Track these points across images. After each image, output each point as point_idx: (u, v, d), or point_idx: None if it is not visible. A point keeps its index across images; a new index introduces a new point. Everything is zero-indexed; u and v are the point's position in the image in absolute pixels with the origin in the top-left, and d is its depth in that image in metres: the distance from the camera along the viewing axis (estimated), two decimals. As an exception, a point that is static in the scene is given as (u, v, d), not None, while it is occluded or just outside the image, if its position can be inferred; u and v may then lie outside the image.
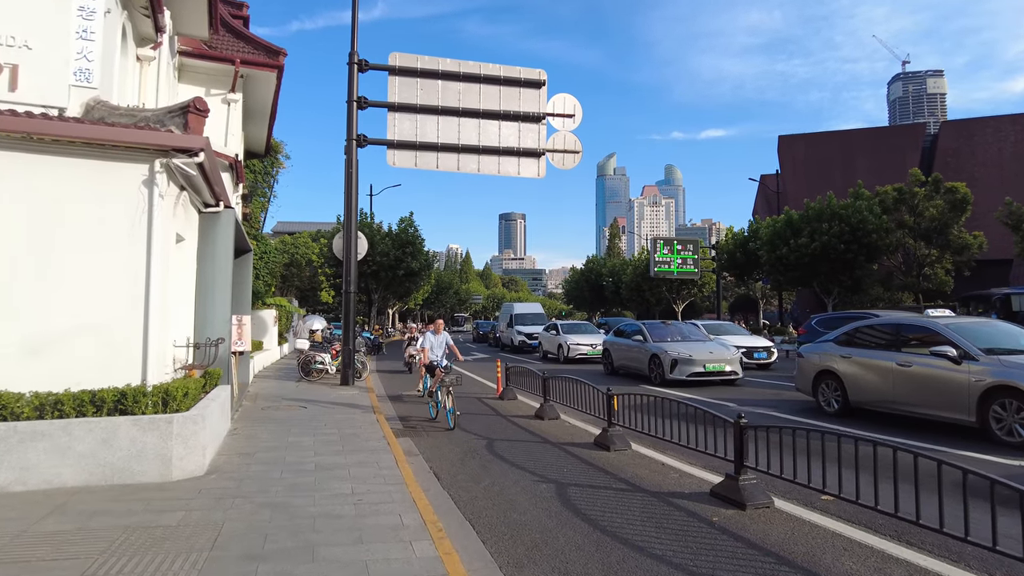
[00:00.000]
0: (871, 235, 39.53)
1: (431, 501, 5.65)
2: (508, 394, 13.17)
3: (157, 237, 6.29)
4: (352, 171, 15.63)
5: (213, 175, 7.36)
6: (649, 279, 56.44)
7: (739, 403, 12.06)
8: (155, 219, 6.27)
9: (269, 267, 25.47)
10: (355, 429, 9.06)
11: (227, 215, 9.19)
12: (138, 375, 6.18)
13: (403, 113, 16.21)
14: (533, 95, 17.12)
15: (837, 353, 10.65)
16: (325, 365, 16.22)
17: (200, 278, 8.84)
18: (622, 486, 6.46)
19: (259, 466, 6.64)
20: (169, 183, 6.69)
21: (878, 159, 67.96)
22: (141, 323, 6.20)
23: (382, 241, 41.89)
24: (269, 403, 11.75)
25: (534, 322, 31.88)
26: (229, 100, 15.24)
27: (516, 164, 16.95)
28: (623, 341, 17.82)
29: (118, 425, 5.69)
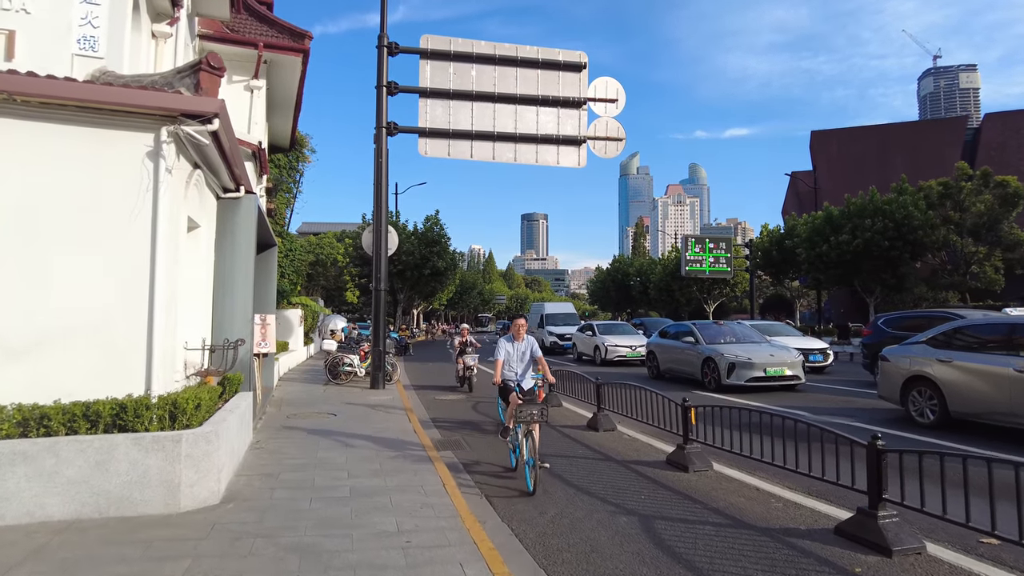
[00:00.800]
0: (916, 231, 37.67)
1: (494, 541, 4.56)
2: (552, 400, 12.05)
3: (164, 220, 5.30)
4: (382, 160, 14.64)
5: (231, 150, 6.36)
6: (679, 278, 54.94)
7: (812, 411, 10.80)
8: (161, 199, 5.28)
9: (295, 265, 24.70)
10: (392, 442, 8.02)
11: (248, 201, 8.22)
12: (141, 384, 5.18)
13: (435, 99, 15.20)
14: (573, 79, 16.00)
15: (933, 357, 9.35)
16: (354, 367, 15.26)
17: (218, 272, 7.87)
18: (720, 520, 5.31)
19: (284, 491, 5.61)
20: (179, 157, 5.70)
21: (917, 154, 65.56)
22: (144, 322, 5.20)
23: (408, 240, 41.04)
24: (295, 410, 10.78)
25: (565, 322, 30.72)
26: (252, 87, 14.37)
27: (555, 153, 15.84)
28: (671, 343, 16.58)
29: (116, 445, 4.70)
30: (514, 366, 7.15)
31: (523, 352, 7.20)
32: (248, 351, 8.00)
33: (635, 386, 9.07)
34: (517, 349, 7.20)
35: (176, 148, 5.53)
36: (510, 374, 7.14)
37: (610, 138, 16.15)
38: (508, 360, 7.13)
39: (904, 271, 39.46)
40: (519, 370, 7.17)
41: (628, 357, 21.78)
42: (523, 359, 7.18)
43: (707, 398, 12.33)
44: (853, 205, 39.97)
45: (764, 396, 12.93)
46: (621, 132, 16.25)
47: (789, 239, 45.84)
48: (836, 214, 40.78)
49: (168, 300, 5.47)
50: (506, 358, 7.13)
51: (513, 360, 7.14)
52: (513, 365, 7.15)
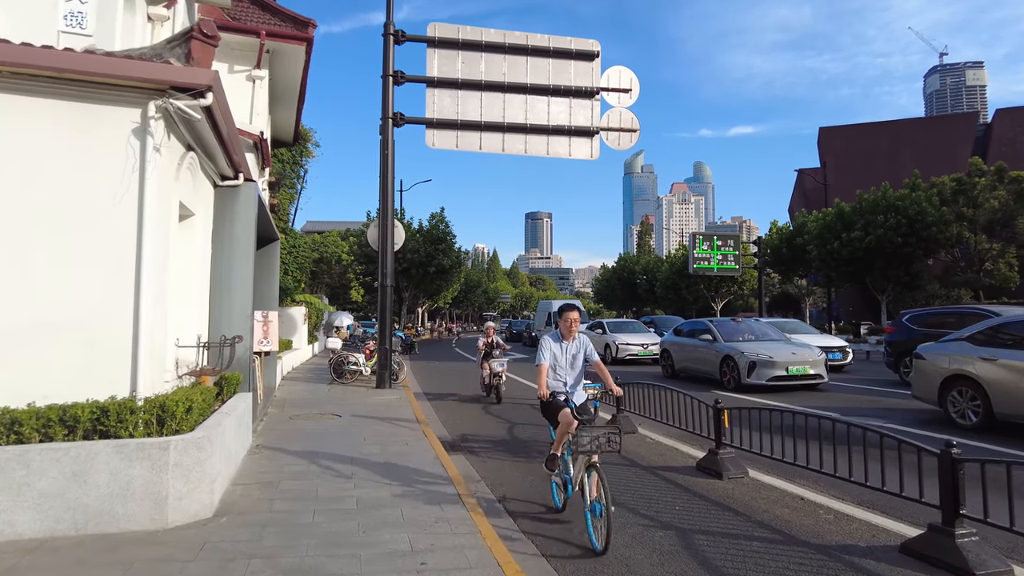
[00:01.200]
0: (930, 228, 36.99)
1: (519, 563, 4.04)
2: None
3: (151, 204, 4.79)
4: (388, 152, 14.13)
5: (227, 130, 5.85)
6: (686, 276, 54.39)
7: (840, 412, 10.24)
8: (149, 180, 4.76)
9: (299, 262, 24.24)
10: (400, 447, 7.51)
11: (248, 190, 7.71)
12: (126, 384, 4.68)
13: (443, 89, 14.67)
14: (585, 68, 15.45)
15: (975, 355, 8.79)
16: (359, 366, 14.76)
17: (215, 264, 7.37)
18: (767, 534, 4.78)
19: (284, 502, 5.09)
20: (169, 135, 5.19)
21: (927, 150, 64.75)
22: (130, 316, 4.69)
23: (413, 238, 40.53)
24: (298, 411, 10.28)
25: (574, 320, 30.17)
26: (254, 77, 13.89)
27: (567, 144, 15.30)
28: (686, 341, 16.04)
29: (95, 453, 4.20)
30: (563, 374, 5.41)
31: (574, 356, 5.42)
32: (248, 349, 7.50)
33: (658, 386, 8.55)
34: (566, 351, 5.40)
35: (165, 125, 5.01)
36: (558, 384, 5.38)
37: (624, 129, 15.60)
38: (555, 366, 5.39)
39: (917, 268, 38.80)
40: (570, 379, 5.42)
41: (640, 356, 21.25)
42: (574, 364, 5.44)
43: (734, 399, 11.77)
44: (865, 201, 39.31)
45: (786, 396, 12.38)
46: (635, 123, 15.71)
47: (799, 236, 45.20)
48: (847, 211, 40.15)
49: (157, 292, 4.97)
50: (552, 363, 5.35)
51: (561, 366, 5.40)
52: (561, 373, 5.41)
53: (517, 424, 9.90)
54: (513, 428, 9.59)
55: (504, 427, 9.68)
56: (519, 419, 10.30)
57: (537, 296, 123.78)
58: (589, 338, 5.73)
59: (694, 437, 7.63)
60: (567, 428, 4.90)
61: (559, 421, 5.02)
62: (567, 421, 4.93)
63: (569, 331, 5.37)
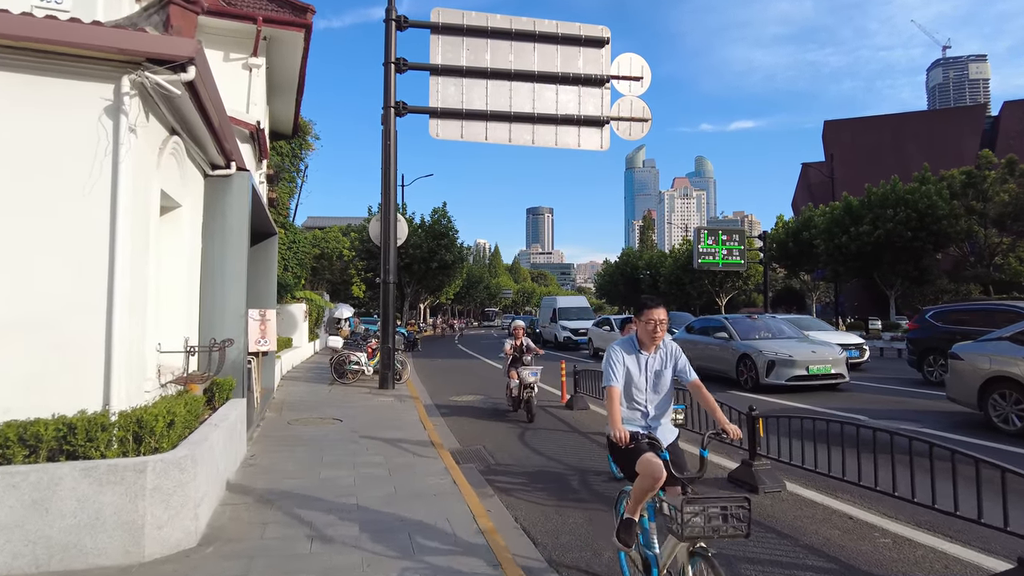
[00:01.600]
0: (941, 221, 36.34)
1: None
2: (578, 403, 10.99)
3: (126, 191, 4.23)
4: (390, 143, 13.56)
5: (216, 113, 5.29)
6: (690, 271, 53.81)
7: (868, 414, 9.71)
8: (123, 164, 4.20)
9: (299, 258, 23.70)
10: (406, 456, 6.97)
11: (241, 180, 7.15)
12: (98, 396, 4.13)
13: (447, 77, 14.08)
14: (595, 55, 14.86)
15: (1019, 356, 8.24)
16: (361, 366, 14.22)
17: (206, 260, 6.82)
18: (822, 563, 4.23)
19: (278, 527, 4.55)
20: (148, 115, 4.63)
21: (933, 143, 64.09)
22: (102, 318, 4.14)
23: (415, 233, 39.97)
24: (297, 414, 9.74)
25: (579, 316, 29.68)
26: (251, 65, 13.31)
27: (576, 134, 14.72)
28: (700, 338, 15.49)
29: (59, 478, 3.65)
30: (641, 400, 3.66)
31: (657, 373, 3.70)
32: (241, 351, 6.96)
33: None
34: (647, 367, 3.69)
35: (142, 103, 4.45)
36: (634, 414, 3.67)
37: (635, 119, 15.02)
38: (630, 386, 3.65)
39: (926, 263, 38.20)
40: (651, 407, 3.67)
41: (649, 353, 20.68)
42: (658, 386, 3.70)
43: (755, 401, 11.22)
44: (874, 195, 38.66)
45: (807, 397, 11.85)
46: (646, 112, 15.12)
47: (806, 231, 44.63)
48: (856, 204, 39.52)
49: (135, 290, 4.42)
50: (624, 378, 3.64)
51: (639, 388, 3.66)
52: (640, 398, 3.66)
53: (559, 452, 7.74)
54: (553, 456, 7.48)
55: (539, 454, 7.61)
56: (561, 446, 8.09)
57: (539, 291, 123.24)
58: (597, 335, 5.08)
59: (718, 444, 7.12)
60: (653, 485, 3.24)
61: (639, 472, 3.30)
62: (653, 476, 3.22)
63: (652, 338, 3.66)
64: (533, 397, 9.90)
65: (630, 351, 3.71)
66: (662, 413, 3.73)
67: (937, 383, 13.17)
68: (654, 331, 3.64)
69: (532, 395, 9.86)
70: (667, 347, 3.79)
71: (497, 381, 15.67)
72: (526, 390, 9.87)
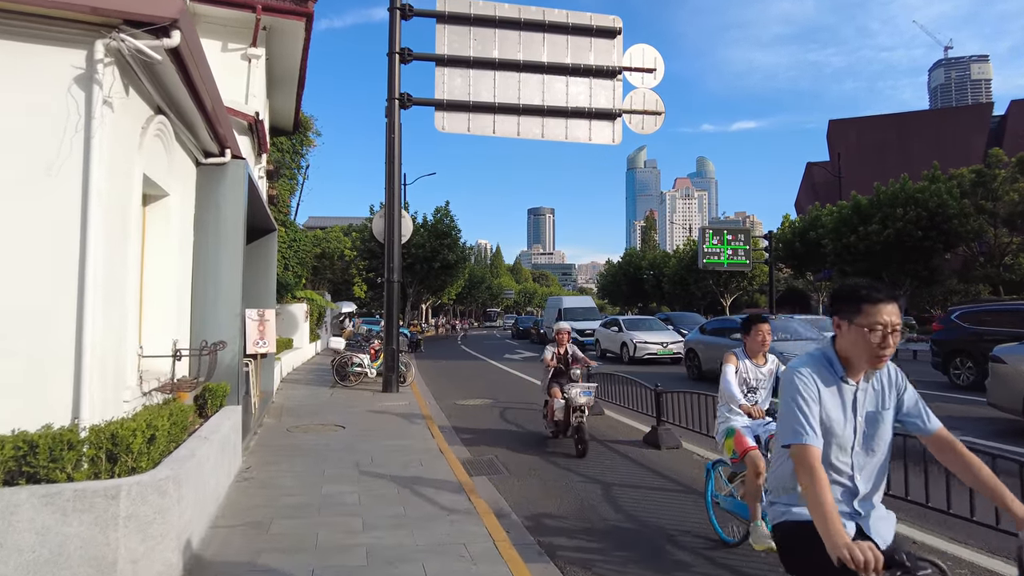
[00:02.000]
0: (951, 221, 35.73)
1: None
2: (592, 408, 10.43)
3: (99, 173, 3.69)
4: (394, 136, 13.02)
5: (205, 89, 4.76)
6: (694, 271, 53.28)
7: (903, 422, 9.16)
8: (96, 141, 3.66)
9: (299, 256, 23.17)
10: (414, 468, 6.43)
11: (236, 168, 6.62)
12: (66, 408, 3.59)
13: (453, 68, 13.54)
14: (606, 46, 14.31)
15: (1070, 359, 7.70)
16: (364, 368, 13.68)
17: (199, 255, 6.28)
18: None
19: (274, 555, 4.00)
20: (128, 89, 4.10)
21: (939, 142, 63.48)
22: (72, 317, 3.61)
23: (417, 232, 39.43)
24: (297, 421, 9.20)
25: (585, 317, 29.13)
26: (250, 56, 12.83)
27: (587, 128, 14.18)
28: (716, 340, 14.93)
29: (16, 505, 3.11)
30: (845, 463, 2.14)
31: (872, 414, 2.16)
32: (236, 355, 6.42)
33: (707, 395, 7.46)
34: (855, 405, 2.14)
35: (120, 73, 3.91)
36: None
37: (648, 112, 14.48)
38: (829, 442, 2.13)
39: (936, 263, 37.62)
40: (859, 480, 2.14)
41: (659, 355, 20.13)
42: (874, 439, 2.16)
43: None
44: (883, 194, 38.05)
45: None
46: (660, 105, 14.58)
47: (813, 230, 44.05)
48: (864, 203, 38.92)
49: (110, 286, 3.88)
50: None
51: (843, 443, 2.13)
52: (843, 460, 2.14)
53: (629, 503, 5.60)
54: (624, 511, 5.36)
55: (602, 506, 5.50)
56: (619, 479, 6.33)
57: (541, 292, 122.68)
58: (604, 335, 4.49)
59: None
60: None
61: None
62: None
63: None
64: (585, 423, 7.50)
65: (829, 378, 2.14)
66: (876, 489, 2.19)
67: (965, 387, 12.63)
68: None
69: (583, 420, 7.49)
70: (890, 373, 2.24)
71: (504, 384, 15.14)
72: (576, 414, 7.53)
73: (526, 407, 11.22)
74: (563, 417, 7.84)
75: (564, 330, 8.51)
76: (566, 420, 7.81)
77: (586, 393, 7.54)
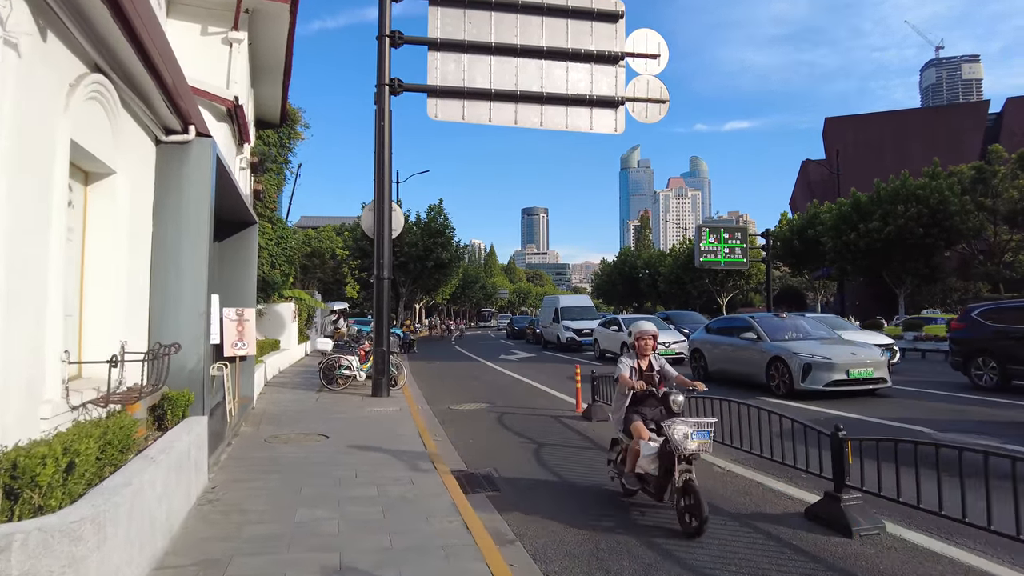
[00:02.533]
0: (952, 217, 35.21)
1: None
2: (597, 413, 9.70)
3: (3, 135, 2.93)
4: (384, 124, 12.26)
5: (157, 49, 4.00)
6: (690, 270, 52.76)
7: (932, 426, 8.49)
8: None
9: (287, 254, 22.32)
10: (403, 486, 5.68)
11: (202, 148, 5.84)
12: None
13: (447, 52, 12.79)
14: (608, 31, 13.58)
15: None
16: (352, 371, 12.89)
17: (158, 246, 5.51)
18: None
19: (229, 608, 3.26)
20: (46, 34, 3.33)
21: (936, 140, 63.04)
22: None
23: (410, 231, 38.65)
24: (277, 429, 8.43)
25: (582, 316, 28.39)
26: (232, 40, 12.09)
27: (588, 116, 13.44)
28: (723, 339, 14.22)
29: None
30: None
31: None
32: (200, 359, 5.64)
33: (731, 400, 6.75)
34: None
35: (32, 10, 3.15)
36: None
37: (651, 100, 13.75)
38: None
39: (937, 260, 37.09)
40: None
41: (661, 355, 19.35)
42: None
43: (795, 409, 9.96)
44: (884, 191, 37.49)
45: (847, 404, 10.62)
46: (664, 93, 13.86)
47: (811, 228, 43.51)
48: (864, 200, 38.35)
49: (16, 278, 3.12)
50: None
51: None
52: None
53: None
54: None
55: None
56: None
57: (535, 292, 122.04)
58: (603, 335, 3.66)
59: (777, 466, 5.90)
60: None
61: None
62: None
63: None
64: (694, 480, 4.67)
65: None
66: None
67: (988, 388, 11.98)
68: None
69: (692, 477, 4.69)
70: None
71: (501, 386, 14.38)
72: (682, 469, 4.69)
73: (526, 412, 10.50)
74: (657, 471, 4.92)
75: (648, 333, 5.54)
76: (664, 476, 4.86)
77: (702, 434, 4.64)
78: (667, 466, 4.77)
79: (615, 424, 5.59)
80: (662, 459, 4.84)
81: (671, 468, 4.72)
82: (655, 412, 5.26)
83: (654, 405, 5.31)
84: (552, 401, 11.90)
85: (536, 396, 12.62)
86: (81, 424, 3.59)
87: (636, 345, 5.59)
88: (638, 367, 5.48)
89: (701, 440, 4.64)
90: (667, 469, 4.78)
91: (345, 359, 12.92)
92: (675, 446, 4.63)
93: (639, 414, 5.28)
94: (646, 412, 5.29)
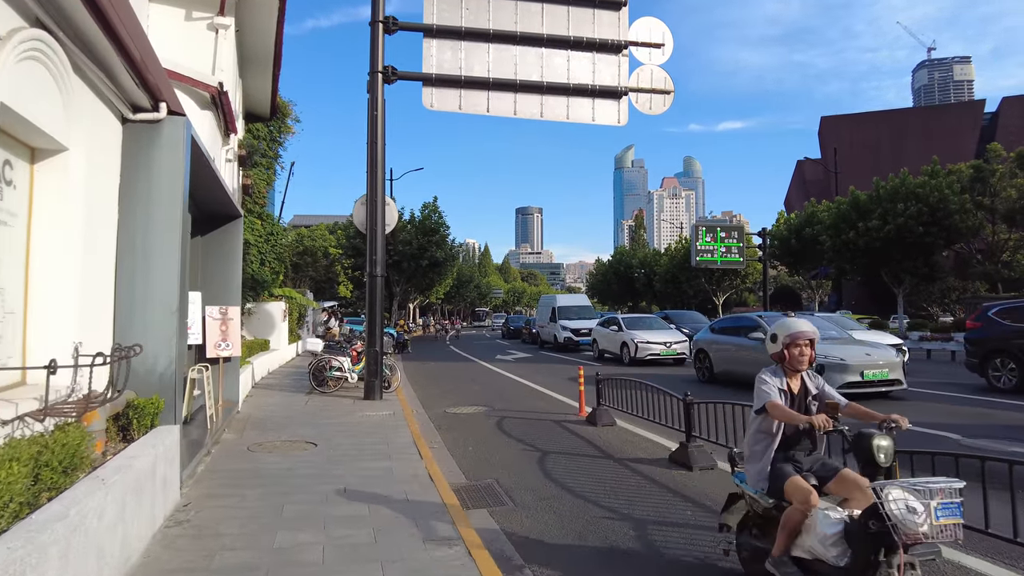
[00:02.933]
0: (952, 216, 34.87)
1: None
2: (602, 417, 9.16)
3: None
4: (377, 113, 11.69)
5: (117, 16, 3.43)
6: (687, 269, 52.37)
7: (958, 431, 7.99)
8: None
9: (277, 251, 21.69)
10: (397, 502, 5.12)
11: (174, 128, 5.26)
12: None
13: (443, 40, 12.22)
14: (611, 18, 13.04)
15: None
16: (344, 372, 12.32)
17: (124, 235, 4.94)
18: None
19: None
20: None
21: (932, 139, 62.91)
22: None
23: (404, 229, 38.01)
24: (262, 436, 7.85)
25: (580, 315, 27.87)
26: (218, 25, 11.54)
27: (590, 107, 12.91)
28: (728, 339, 13.72)
29: None
30: None
31: None
32: (172, 361, 5.06)
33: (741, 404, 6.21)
34: None
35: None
36: None
37: (656, 90, 13.23)
38: None
39: (936, 259, 36.77)
40: None
41: (662, 356, 18.88)
42: None
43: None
44: (883, 189, 37.15)
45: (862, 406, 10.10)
46: (668, 83, 13.33)
47: (809, 227, 43.13)
48: (863, 199, 37.98)
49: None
50: None
51: None
52: None
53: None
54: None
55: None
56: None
57: (530, 291, 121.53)
58: (602, 335, 3.21)
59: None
60: None
61: None
62: None
63: None
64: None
65: None
66: None
67: (1007, 390, 11.52)
68: None
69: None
70: None
71: (499, 388, 13.80)
72: (902, 562, 2.73)
73: (527, 416, 9.95)
74: (842, 559, 3.01)
75: (805, 336, 3.70)
76: (858, 570, 2.93)
77: (948, 508, 2.73)
78: (866, 556, 2.87)
79: (752, 476, 3.63)
80: (855, 542, 2.95)
81: (873, 559, 2.84)
82: (814, 462, 3.56)
83: (807, 448, 3.62)
84: (553, 404, 11.36)
85: (536, 399, 12.07)
86: (13, 442, 3.02)
87: (786, 355, 3.74)
88: (788, 389, 3.69)
89: (950, 519, 2.71)
90: (866, 560, 2.87)
91: (336, 360, 12.36)
92: (896, 524, 2.68)
93: (792, 462, 3.50)
94: (801, 460, 3.54)
